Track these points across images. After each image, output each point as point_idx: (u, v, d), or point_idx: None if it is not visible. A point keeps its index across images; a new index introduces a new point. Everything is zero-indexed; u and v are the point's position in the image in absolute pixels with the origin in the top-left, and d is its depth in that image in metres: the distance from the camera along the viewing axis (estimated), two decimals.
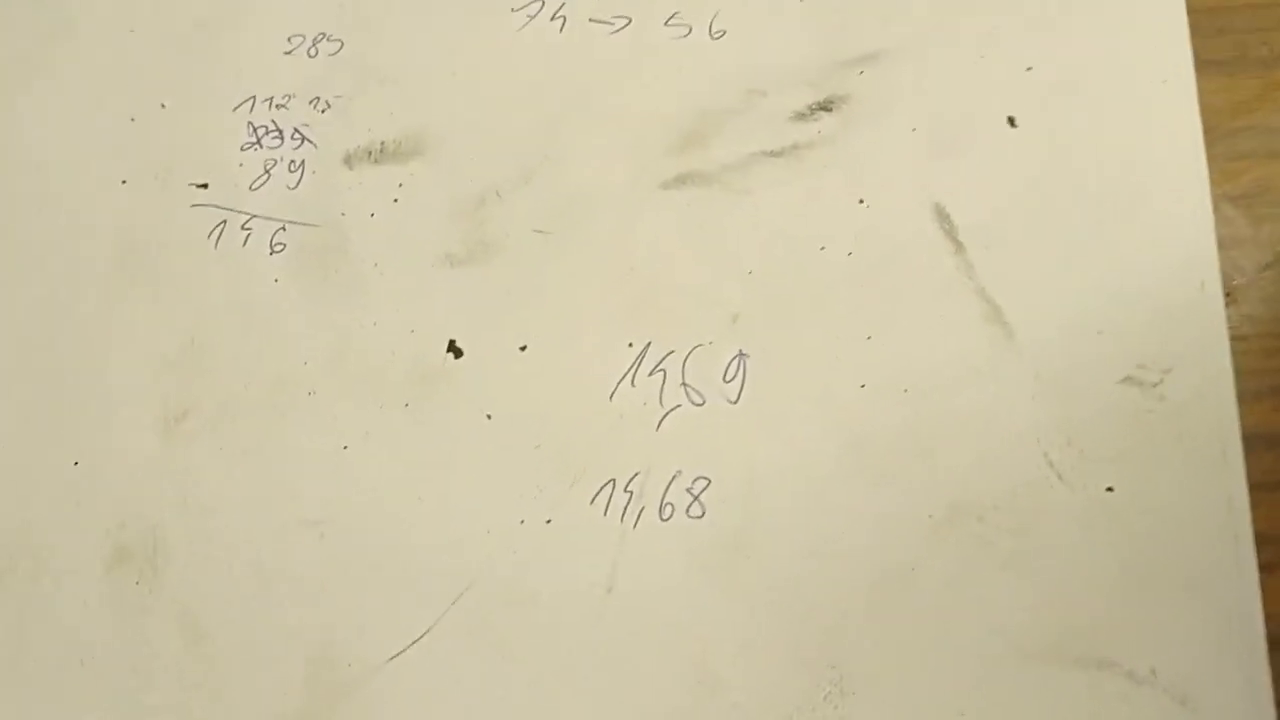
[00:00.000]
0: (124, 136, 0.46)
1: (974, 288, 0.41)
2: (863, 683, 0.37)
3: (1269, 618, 0.37)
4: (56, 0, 0.50)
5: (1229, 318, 0.40)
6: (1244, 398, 0.39)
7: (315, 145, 0.46)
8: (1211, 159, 0.42)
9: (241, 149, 0.46)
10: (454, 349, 0.42)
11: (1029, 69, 0.44)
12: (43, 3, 0.50)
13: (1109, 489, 0.38)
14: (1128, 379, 0.39)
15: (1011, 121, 0.43)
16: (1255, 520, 0.38)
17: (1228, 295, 0.40)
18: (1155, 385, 0.39)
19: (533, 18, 0.47)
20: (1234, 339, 0.40)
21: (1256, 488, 0.38)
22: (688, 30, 0.46)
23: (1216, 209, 0.41)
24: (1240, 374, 0.39)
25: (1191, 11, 0.44)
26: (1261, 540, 0.38)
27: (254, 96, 0.47)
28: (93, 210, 0.45)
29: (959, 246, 0.42)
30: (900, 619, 0.37)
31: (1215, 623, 0.37)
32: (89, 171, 0.46)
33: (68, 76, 0.48)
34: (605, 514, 0.39)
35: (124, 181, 0.46)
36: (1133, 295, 0.40)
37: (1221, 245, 0.41)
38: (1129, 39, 0.44)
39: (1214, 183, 0.41)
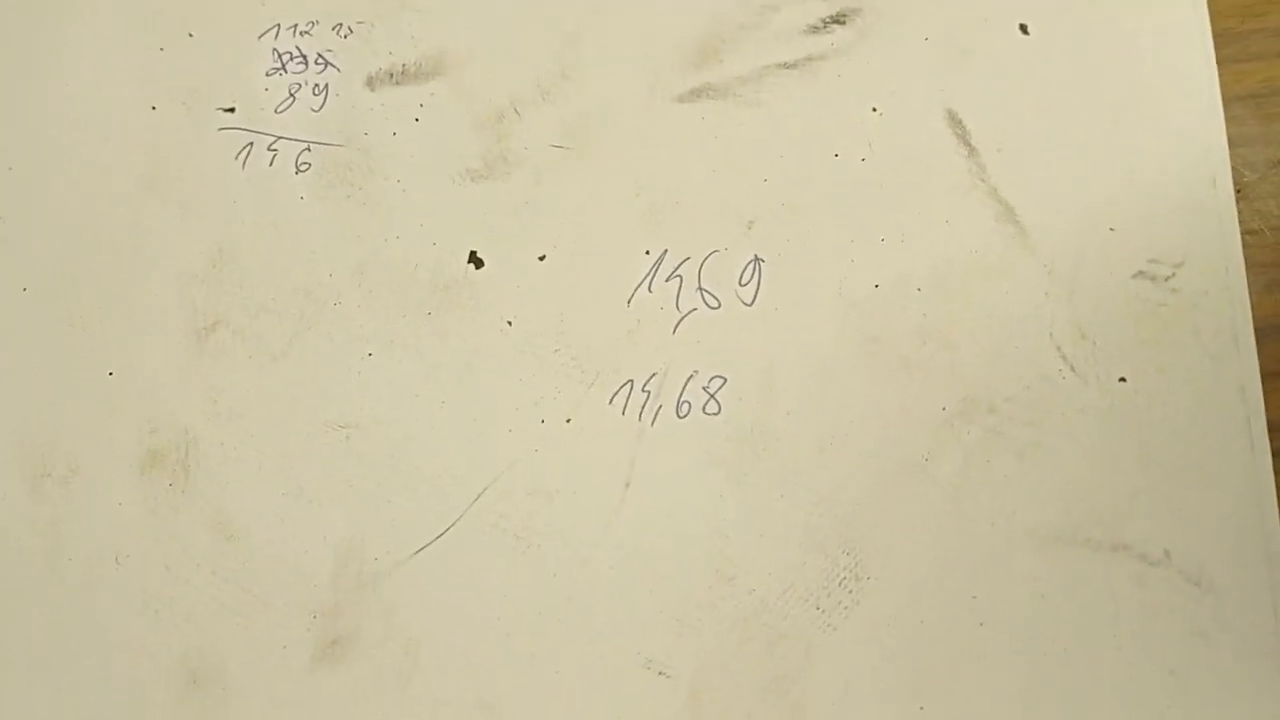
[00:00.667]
0: (153, 64, 0.47)
1: (987, 189, 0.41)
2: (878, 567, 0.37)
3: None
4: None
5: (1240, 213, 0.40)
6: (1255, 290, 0.39)
7: (338, 69, 0.46)
8: (1221, 60, 0.42)
9: (266, 74, 0.47)
10: (475, 259, 0.42)
11: None
12: None
13: (1122, 379, 0.38)
14: (1140, 273, 0.40)
15: (1024, 28, 0.43)
16: (1267, 409, 0.38)
17: (1238, 191, 0.40)
18: (1168, 279, 0.39)
19: None
20: (1245, 233, 0.40)
21: (1269, 376, 0.38)
22: None
23: (1227, 108, 0.41)
24: (1251, 267, 0.39)
25: None
26: (1273, 427, 0.38)
27: (278, 24, 0.48)
28: (124, 134, 0.46)
29: (971, 150, 0.42)
30: (914, 507, 0.38)
31: (1228, 507, 0.37)
32: (120, 98, 0.47)
33: (98, 8, 0.49)
34: (623, 413, 0.39)
35: (154, 107, 0.46)
36: (1145, 192, 0.41)
37: (1232, 143, 0.41)
38: None
39: (1224, 83, 0.41)
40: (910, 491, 0.37)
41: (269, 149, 0.44)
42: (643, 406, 0.39)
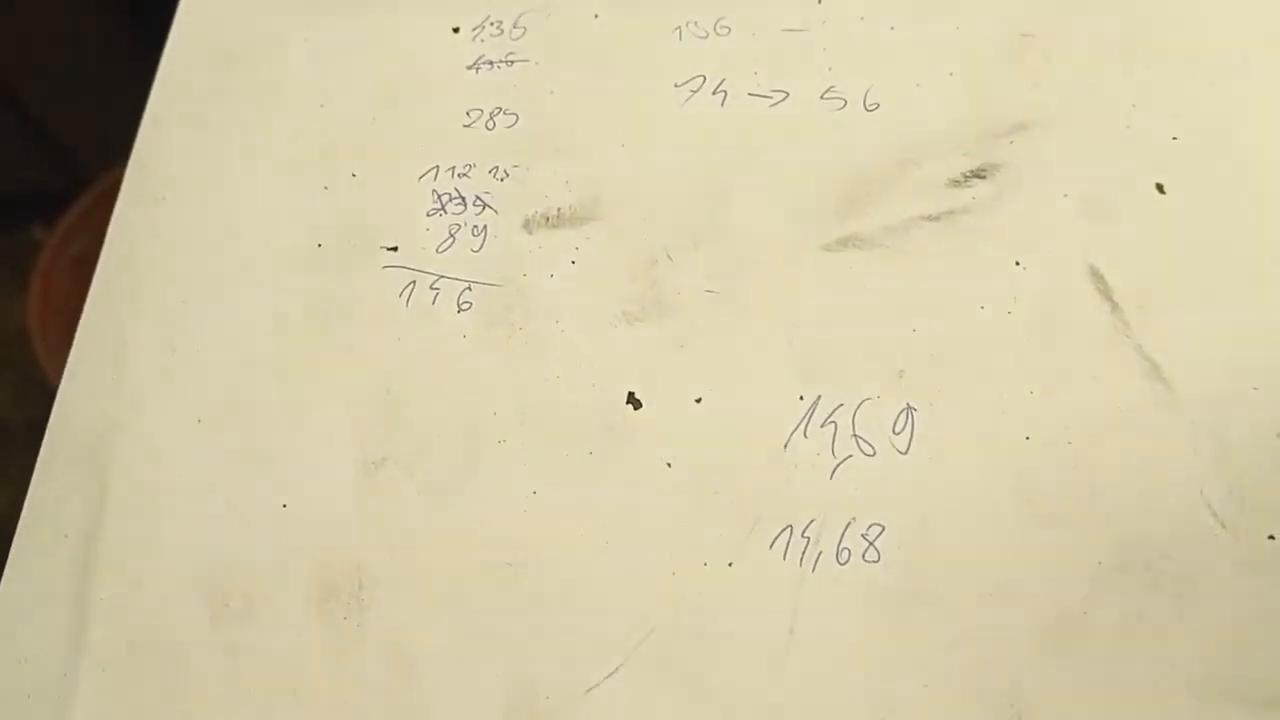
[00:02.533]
0: (318, 203, 0.48)
1: (1132, 345, 0.42)
2: (1041, 718, 0.37)
3: None
4: (251, 77, 0.52)
5: None
6: None
7: (496, 211, 0.47)
8: None
9: (427, 214, 0.48)
10: (633, 400, 0.43)
11: (1174, 138, 0.45)
12: (239, 80, 0.52)
13: (1271, 537, 0.39)
14: None
15: (1160, 188, 0.44)
16: None
17: None
18: None
19: (695, 92, 0.49)
20: None
21: None
22: (843, 103, 0.48)
23: None
24: None
25: None
26: None
27: (437, 166, 0.49)
28: (291, 271, 0.47)
29: (1114, 306, 0.43)
30: (1075, 659, 0.38)
31: None
32: (287, 235, 0.48)
33: (265, 147, 0.50)
34: (784, 558, 0.40)
35: (319, 245, 0.47)
36: None
37: None
38: (1271, 107, 0.45)
39: None
40: (1070, 644, 0.37)
41: (431, 287, 0.45)
42: (803, 552, 0.39)
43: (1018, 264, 0.41)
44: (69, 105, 1.13)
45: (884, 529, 0.38)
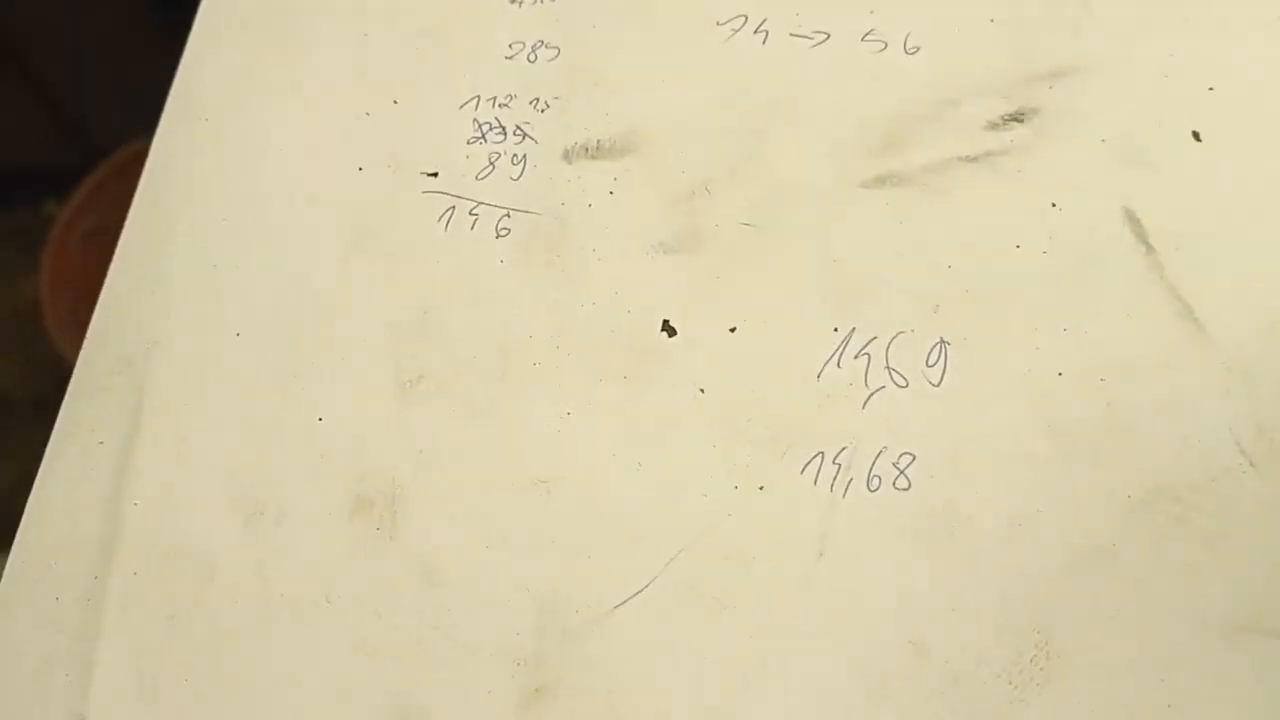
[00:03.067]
0: (360, 128, 0.48)
1: (1165, 286, 0.42)
2: (1068, 648, 0.37)
3: None
4: (298, 11, 0.52)
5: None
6: None
7: (536, 141, 0.47)
8: None
9: (468, 143, 0.48)
10: (668, 328, 0.43)
11: (1211, 88, 0.45)
12: (286, 13, 0.52)
13: None
14: None
15: (1196, 136, 0.44)
16: None
17: None
18: None
19: (736, 31, 0.49)
20: None
21: None
22: (883, 45, 0.48)
23: None
24: None
25: None
26: None
27: (478, 96, 0.49)
28: (332, 193, 0.47)
29: (1149, 248, 0.43)
30: (1102, 590, 0.38)
31: None
32: (328, 158, 0.48)
33: (307, 73, 0.50)
34: (815, 483, 0.40)
35: (360, 169, 0.48)
36: None
37: None
38: None
39: None
40: (1098, 575, 0.37)
41: (470, 213, 0.46)
42: (834, 478, 0.39)
43: (1054, 205, 0.41)
44: (82, 81, 1.13)
45: (915, 458, 0.38)
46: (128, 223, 0.45)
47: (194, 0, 0.48)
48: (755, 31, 0.46)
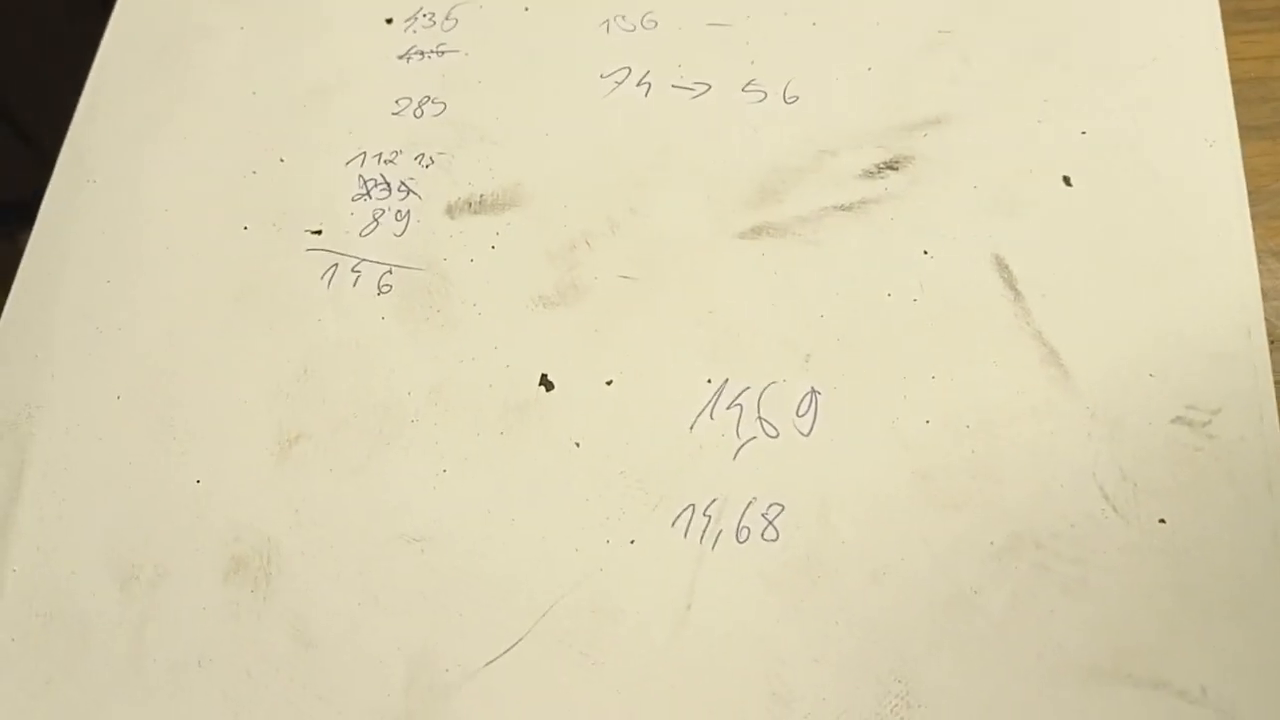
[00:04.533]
0: (246, 186, 0.49)
1: (1032, 332, 0.42)
2: (928, 696, 0.38)
3: None
4: (185, 66, 0.53)
5: (1274, 363, 0.41)
6: None
7: (420, 197, 0.48)
8: (1255, 216, 0.43)
9: (352, 199, 0.48)
10: (545, 382, 0.43)
11: (1083, 133, 0.46)
12: (172, 68, 0.53)
13: (1161, 520, 0.39)
14: (1178, 419, 0.41)
15: (1067, 180, 0.45)
16: None
17: (1273, 342, 0.41)
18: (1204, 425, 0.40)
19: (620, 84, 0.50)
20: (1279, 383, 0.41)
21: None
22: (763, 96, 0.48)
23: (1261, 262, 0.42)
24: None
25: (1235, 81, 0.45)
26: None
27: (364, 152, 0.49)
28: (216, 252, 0.47)
29: (1017, 294, 0.43)
30: (964, 637, 0.38)
31: (1263, 644, 0.37)
32: (214, 217, 0.48)
33: (195, 132, 0.50)
34: (685, 536, 0.40)
35: (245, 227, 0.48)
36: (1183, 341, 0.42)
37: (1266, 296, 0.42)
38: (1177, 105, 0.45)
39: (1258, 238, 0.43)
40: (960, 623, 0.37)
41: (353, 270, 0.46)
42: (704, 531, 0.39)
43: (925, 253, 0.42)
44: (54, 112, 1.13)
45: (784, 509, 0.38)
46: (14, 287, 0.45)
47: None
48: (638, 84, 0.47)
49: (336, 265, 0.45)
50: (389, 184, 0.46)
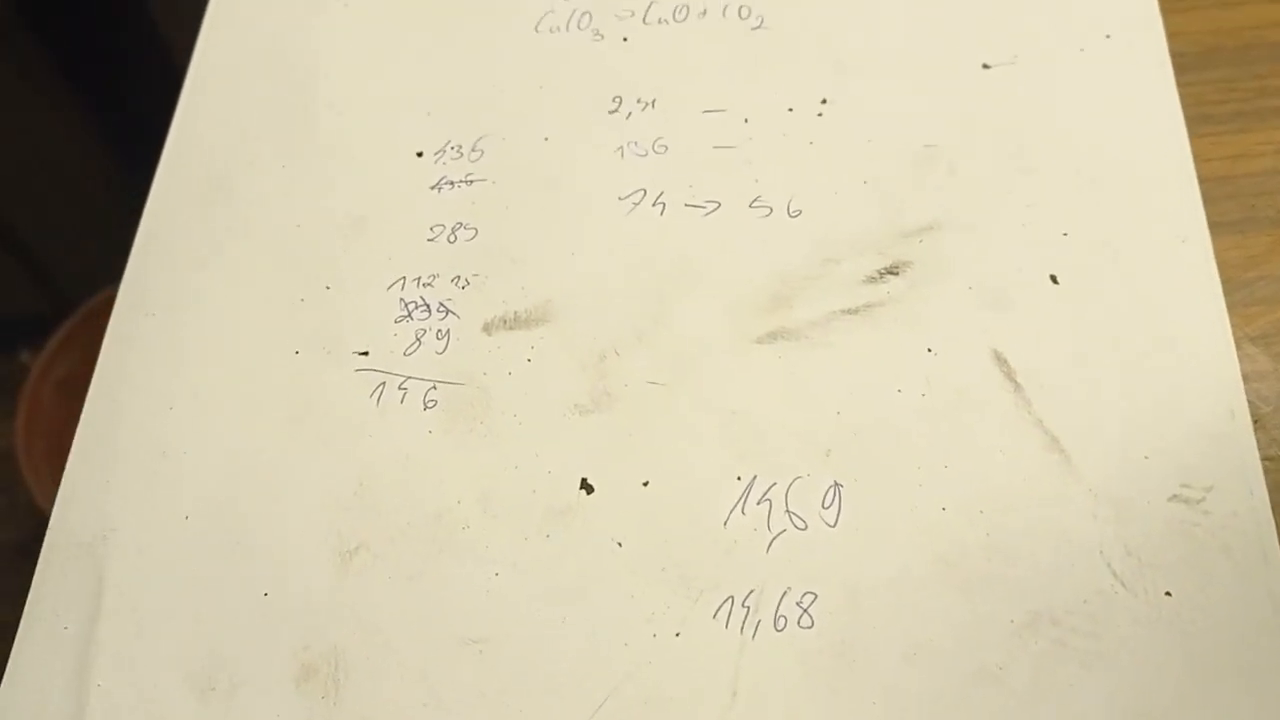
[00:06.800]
0: (295, 313, 0.50)
1: (1033, 421, 0.44)
2: None
3: None
4: (233, 203, 0.54)
5: (1259, 441, 0.42)
6: (1277, 510, 0.41)
7: (458, 316, 0.49)
8: (1231, 305, 0.45)
9: (395, 321, 0.50)
10: (586, 486, 0.45)
11: (1065, 234, 0.48)
12: (220, 204, 0.54)
13: (1167, 593, 0.40)
14: (1175, 496, 0.42)
15: (1054, 279, 0.47)
16: None
17: (1256, 422, 0.43)
18: (1199, 501, 0.42)
19: (636, 205, 0.51)
20: (1265, 459, 0.42)
21: None
22: (769, 211, 0.50)
23: (1239, 348, 0.44)
24: (1273, 489, 0.42)
25: (1203, 180, 0.47)
26: None
27: (404, 277, 0.51)
28: (270, 377, 0.49)
29: (1017, 386, 0.45)
30: (993, 712, 0.39)
31: (1268, 708, 0.39)
32: (267, 346, 0.49)
33: (245, 264, 0.52)
34: (726, 627, 0.41)
35: (297, 352, 0.49)
36: (1173, 423, 0.43)
37: (1246, 379, 0.43)
38: (1149, 206, 0.47)
39: (1235, 325, 0.44)
40: (989, 698, 0.38)
41: (399, 388, 0.47)
42: (744, 621, 0.40)
43: (929, 351, 0.43)
44: (54, 231, 1.14)
45: (817, 597, 0.39)
46: (83, 416, 0.46)
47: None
48: (654, 204, 0.48)
49: (384, 384, 0.46)
50: (429, 305, 0.47)
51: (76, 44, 1.12)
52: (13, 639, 0.43)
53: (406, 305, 0.48)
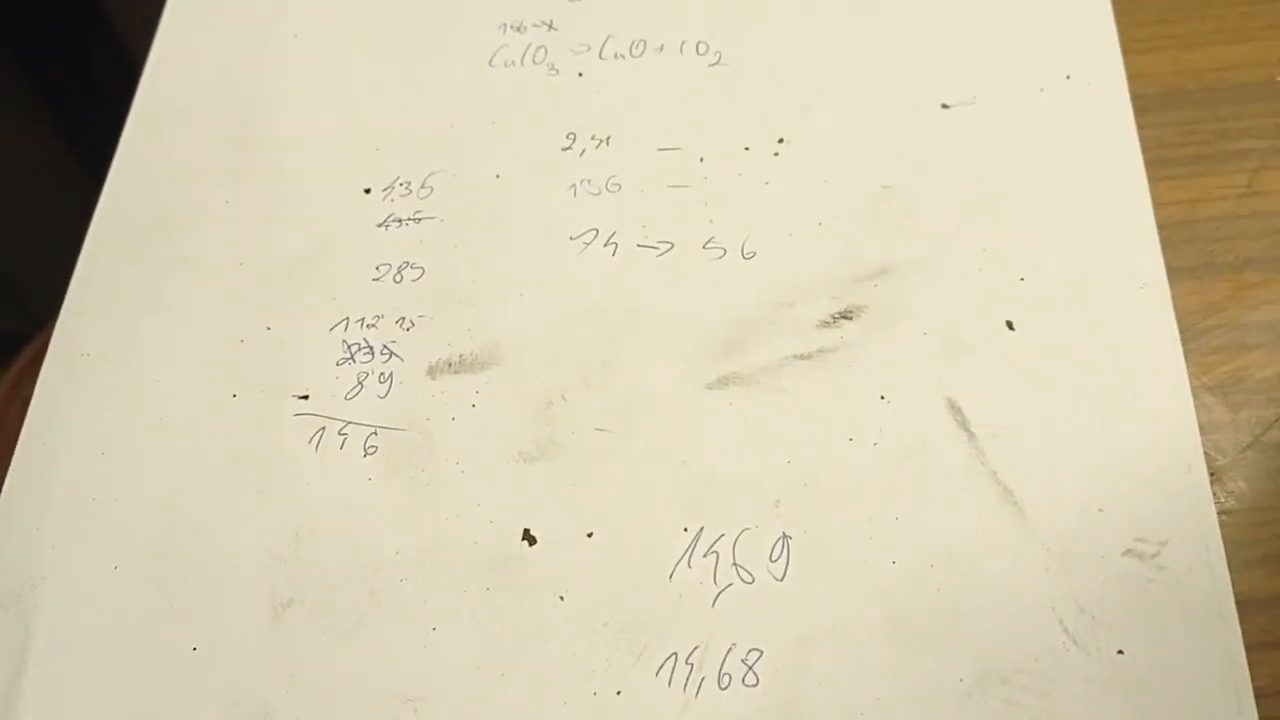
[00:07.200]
0: (235, 355, 0.49)
1: (986, 472, 0.43)
2: None
3: None
4: (175, 239, 0.53)
5: (1215, 494, 0.41)
6: (1234, 566, 0.40)
7: (402, 359, 0.48)
8: (1189, 353, 0.44)
9: (337, 364, 0.48)
10: (528, 537, 0.43)
11: (1021, 279, 0.47)
12: (163, 241, 0.53)
13: (1120, 651, 0.39)
14: (1129, 551, 0.41)
15: (1010, 325, 0.46)
16: (1253, 679, 0.39)
17: (1213, 474, 0.42)
18: (1154, 556, 0.41)
19: (588, 244, 0.50)
20: (1221, 513, 0.41)
21: (1252, 648, 0.39)
22: (722, 252, 0.49)
23: (1197, 398, 0.43)
24: (1229, 544, 0.40)
25: (1161, 225, 0.46)
26: (1260, 695, 0.39)
27: (347, 318, 0.49)
28: (207, 421, 0.47)
29: (971, 435, 0.44)
30: None
31: None
32: (204, 388, 0.48)
33: (185, 304, 0.50)
34: (669, 684, 0.40)
35: (234, 395, 0.48)
36: (1128, 476, 0.42)
37: (1204, 430, 0.42)
38: (1107, 251, 0.46)
39: (1192, 374, 0.43)
40: None
41: (339, 433, 0.46)
42: (687, 678, 0.39)
43: (883, 398, 0.42)
44: (22, 249, 1.12)
45: (762, 654, 0.38)
46: (14, 459, 0.44)
47: None
48: (605, 244, 0.47)
49: (324, 429, 0.44)
50: (372, 348, 0.46)
51: (44, 58, 1.10)
52: None
53: (349, 347, 0.46)
